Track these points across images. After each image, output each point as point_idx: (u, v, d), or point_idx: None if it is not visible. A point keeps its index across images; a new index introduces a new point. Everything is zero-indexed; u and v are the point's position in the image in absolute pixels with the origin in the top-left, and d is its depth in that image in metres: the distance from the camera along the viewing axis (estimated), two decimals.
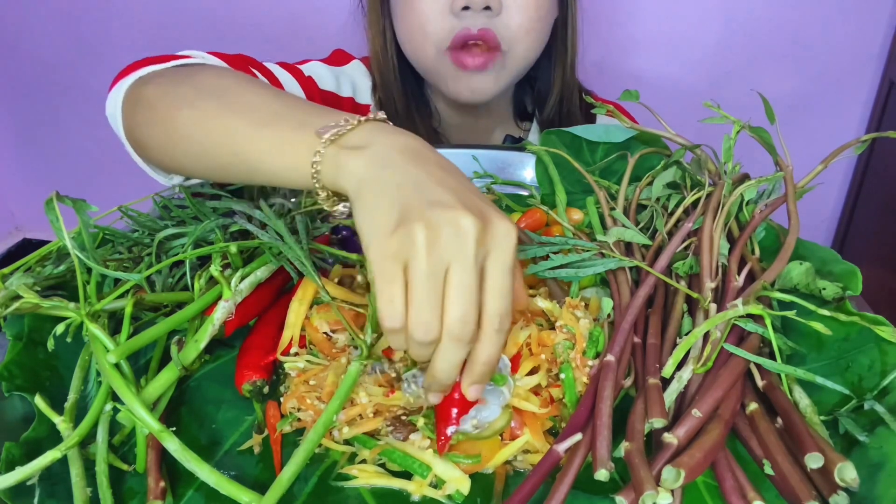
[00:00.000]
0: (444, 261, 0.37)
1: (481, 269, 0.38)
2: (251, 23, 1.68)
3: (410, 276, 0.37)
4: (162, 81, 0.58)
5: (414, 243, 0.37)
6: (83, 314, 0.46)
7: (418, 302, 0.37)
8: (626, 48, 1.60)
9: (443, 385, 0.41)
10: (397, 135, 0.43)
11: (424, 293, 0.37)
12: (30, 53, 1.86)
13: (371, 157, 0.41)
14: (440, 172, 0.41)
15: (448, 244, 0.37)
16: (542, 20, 0.80)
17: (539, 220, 0.65)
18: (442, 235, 0.37)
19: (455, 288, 0.37)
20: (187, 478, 0.43)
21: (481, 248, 0.38)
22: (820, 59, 1.56)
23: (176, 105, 0.54)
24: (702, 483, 0.42)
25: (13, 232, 2.24)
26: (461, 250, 0.37)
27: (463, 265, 0.37)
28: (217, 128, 0.50)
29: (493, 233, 0.38)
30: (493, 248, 0.38)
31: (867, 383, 0.44)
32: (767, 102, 0.59)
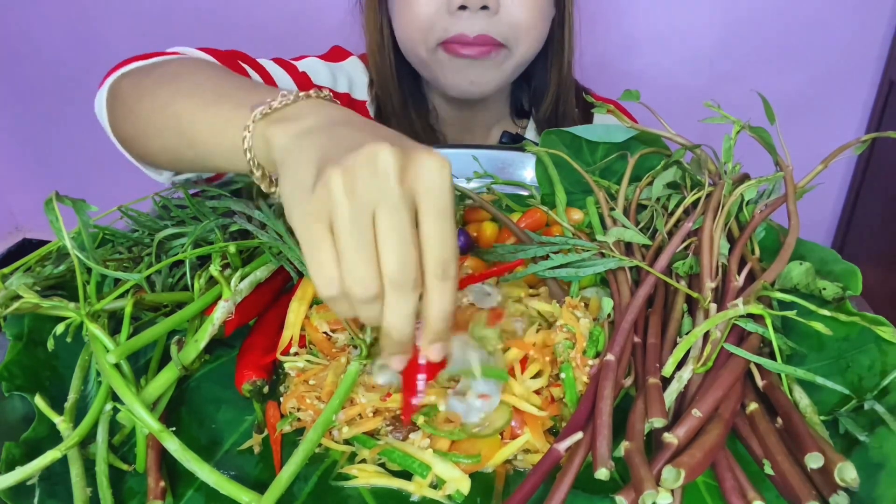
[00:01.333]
0: (368, 205, 0.34)
1: (413, 211, 0.35)
2: (251, 22, 1.68)
3: (335, 233, 0.34)
4: (135, 75, 0.58)
5: (331, 194, 0.33)
6: (83, 314, 0.46)
7: (348, 257, 0.34)
8: (625, 48, 1.60)
9: (400, 344, 0.38)
10: (331, 108, 0.41)
11: (352, 246, 0.34)
12: (30, 53, 1.86)
13: (298, 127, 0.39)
14: (366, 126, 0.38)
15: (367, 185, 0.33)
16: (542, 17, 0.80)
17: (539, 220, 0.65)
18: (359, 178, 0.33)
19: (384, 233, 0.34)
20: (187, 478, 0.43)
21: (405, 185, 0.34)
22: (820, 59, 1.56)
23: (138, 95, 0.54)
24: (702, 483, 0.42)
25: (13, 232, 2.25)
26: (382, 189, 0.33)
27: (387, 206, 0.34)
28: (171, 116, 0.49)
29: (418, 168, 0.34)
30: (420, 185, 0.34)
31: (867, 383, 0.44)
32: (767, 102, 0.59)
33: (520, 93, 0.96)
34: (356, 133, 0.36)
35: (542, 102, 0.92)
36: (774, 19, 1.52)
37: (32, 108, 1.97)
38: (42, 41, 1.83)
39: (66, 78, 1.87)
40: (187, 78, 0.52)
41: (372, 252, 0.34)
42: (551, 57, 0.89)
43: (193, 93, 0.48)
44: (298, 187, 0.35)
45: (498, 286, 0.54)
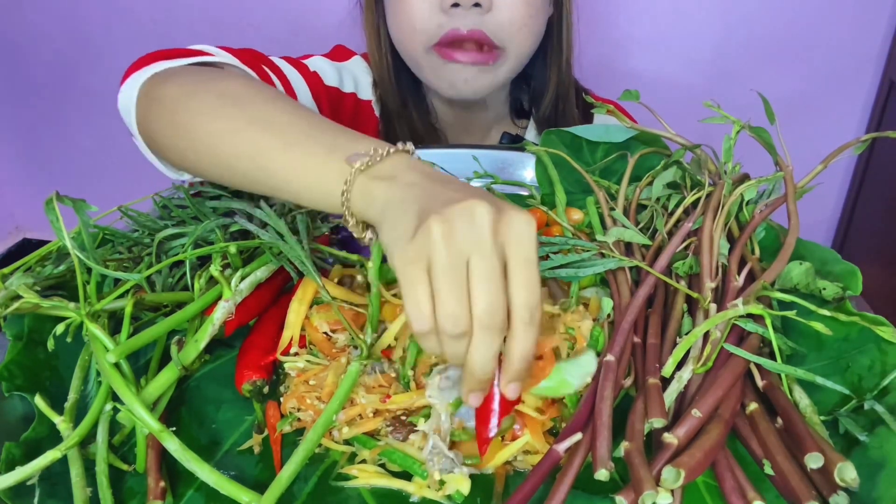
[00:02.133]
0: (464, 252, 0.37)
1: (503, 261, 0.38)
2: (252, 22, 1.68)
3: (433, 274, 0.37)
4: (182, 83, 0.57)
5: (430, 240, 0.37)
6: (83, 314, 0.46)
7: (443, 295, 0.37)
8: (625, 48, 1.60)
9: (481, 382, 0.40)
10: (422, 165, 0.44)
11: (448, 286, 0.37)
12: (30, 53, 1.86)
13: (399, 185, 0.42)
14: (460, 185, 0.42)
15: (464, 234, 0.37)
16: (534, 16, 0.80)
17: (539, 220, 0.65)
18: (457, 227, 0.37)
19: (477, 277, 0.37)
20: (187, 478, 0.43)
21: (498, 237, 0.38)
22: (820, 59, 1.55)
23: (200, 112, 0.53)
24: (702, 483, 0.42)
25: (13, 232, 2.24)
26: (477, 238, 0.37)
27: (481, 254, 0.37)
28: (243, 143, 0.50)
29: (508, 223, 0.38)
30: (510, 238, 0.38)
31: (867, 383, 0.44)
32: (767, 102, 0.59)
33: (519, 93, 0.96)
34: (452, 191, 0.40)
35: (542, 102, 0.92)
36: (774, 19, 1.52)
37: (32, 108, 1.97)
38: (42, 41, 1.83)
39: (67, 78, 1.87)
40: (261, 106, 0.52)
41: (464, 292, 0.37)
42: (550, 56, 0.89)
43: (270, 125, 0.50)
44: (402, 236, 0.38)
45: None
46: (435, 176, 0.43)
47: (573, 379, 0.46)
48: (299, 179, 0.47)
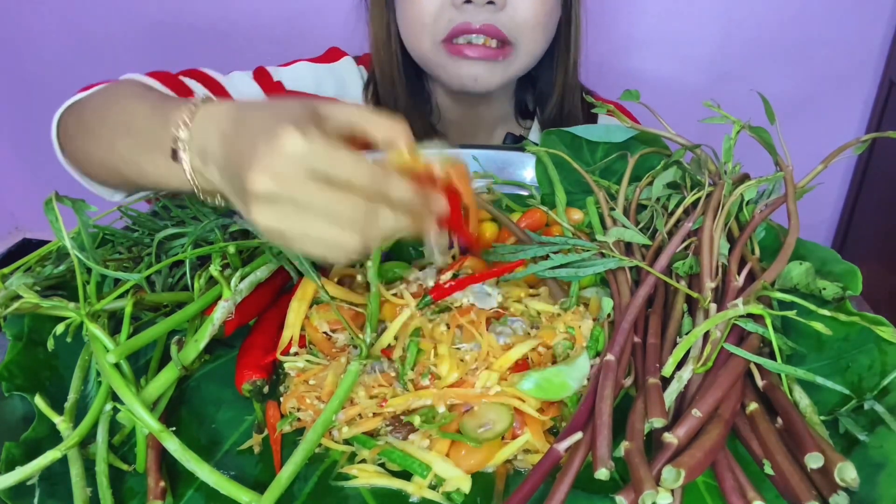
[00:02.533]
0: (303, 176, 0.38)
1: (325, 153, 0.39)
2: (252, 22, 1.68)
3: (303, 212, 0.38)
4: (75, 110, 0.65)
5: (273, 196, 0.38)
6: (83, 314, 0.46)
7: (316, 227, 0.38)
8: (625, 48, 1.60)
9: (419, 218, 0.42)
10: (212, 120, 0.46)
11: (312, 220, 0.38)
12: (30, 53, 1.86)
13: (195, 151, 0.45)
14: (255, 121, 0.42)
15: (293, 168, 0.38)
16: (549, 14, 0.80)
17: (539, 220, 0.65)
18: (282, 169, 0.38)
19: (328, 179, 0.38)
20: (187, 478, 0.43)
21: (308, 140, 0.38)
22: (820, 59, 1.56)
23: (74, 135, 0.62)
24: (702, 483, 0.42)
25: (13, 232, 2.24)
26: (301, 160, 0.38)
27: (315, 164, 0.38)
28: (109, 154, 0.55)
29: (283, 150, 0.38)
30: (293, 152, 0.38)
31: (867, 383, 0.44)
32: (767, 102, 0.59)
33: (524, 93, 0.96)
34: (248, 134, 0.41)
35: (548, 103, 0.92)
36: (774, 19, 1.52)
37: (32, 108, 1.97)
38: (43, 41, 1.83)
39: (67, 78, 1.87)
40: (108, 116, 0.58)
41: (328, 210, 0.38)
42: (557, 58, 0.89)
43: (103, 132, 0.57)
44: (244, 206, 0.40)
45: (498, 286, 0.54)
46: (235, 121, 0.43)
47: (573, 382, 0.46)
48: (153, 173, 0.50)
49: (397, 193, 0.40)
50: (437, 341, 0.49)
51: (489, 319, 0.50)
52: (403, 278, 0.56)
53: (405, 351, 0.49)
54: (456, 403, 0.46)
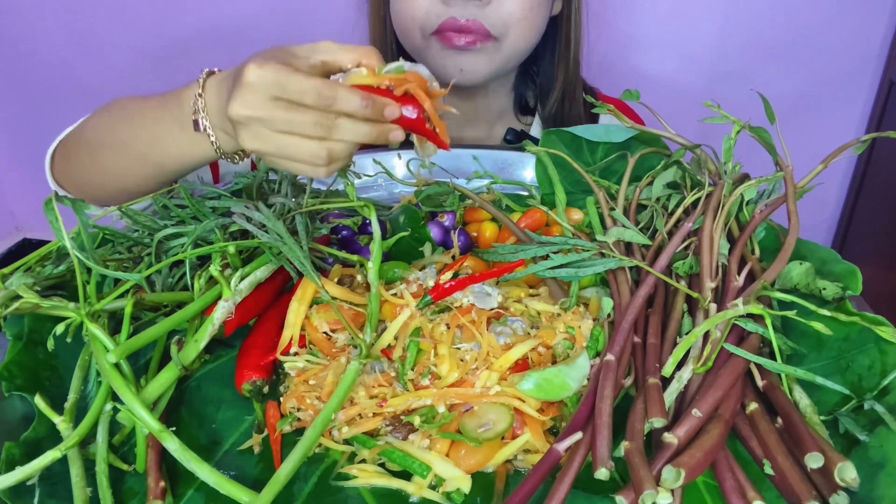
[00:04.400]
0: (255, 120, 0.47)
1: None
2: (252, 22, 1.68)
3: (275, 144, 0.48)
4: (72, 141, 0.70)
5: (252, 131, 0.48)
6: (83, 314, 0.46)
7: (285, 142, 0.48)
8: (626, 47, 1.59)
9: (379, 126, 0.49)
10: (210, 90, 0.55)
11: (281, 137, 0.47)
12: (30, 53, 1.86)
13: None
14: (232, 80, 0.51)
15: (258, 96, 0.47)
16: (534, 9, 0.80)
17: (539, 220, 0.65)
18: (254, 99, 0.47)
19: (281, 112, 0.47)
20: (187, 478, 0.43)
21: (256, 91, 0.47)
22: (820, 59, 1.55)
23: (80, 160, 0.68)
24: (702, 483, 0.42)
25: (13, 232, 2.24)
26: (250, 107, 0.47)
27: (263, 100, 0.47)
28: (120, 172, 0.64)
29: (247, 82, 0.47)
30: (253, 81, 0.47)
31: (867, 383, 0.44)
32: (767, 102, 0.59)
33: (524, 89, 0.96)
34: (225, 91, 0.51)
35: (548, 99, 0.92)
36: (774, 19, 1.52)
37: (32, 108, 1.97)
38: (42, 41, 1.83)
39: (67, 78, 1.87)
40: (102, 137, 0.66)
41: (294, 135, 0.48)
42: (558, 54, 0.89)
43: (119, 144, 0.65)
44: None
45: (498, 286, 0.54)
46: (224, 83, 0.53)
47: (573, 382, 0.46)
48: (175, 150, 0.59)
49: (347, 104, 0.47)
50: (437, 341, 0.49)
51: (489, 319, 0.50)
52: (403, 278, 0.56)
53: (405, 351, 0.49)
54: (456, 403, 0.46)
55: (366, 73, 0.49)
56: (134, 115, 0.63)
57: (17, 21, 1.81)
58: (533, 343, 0.48)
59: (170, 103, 0.58)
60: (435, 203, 0.71)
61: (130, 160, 0.63)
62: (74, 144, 0.71)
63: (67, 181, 0.72)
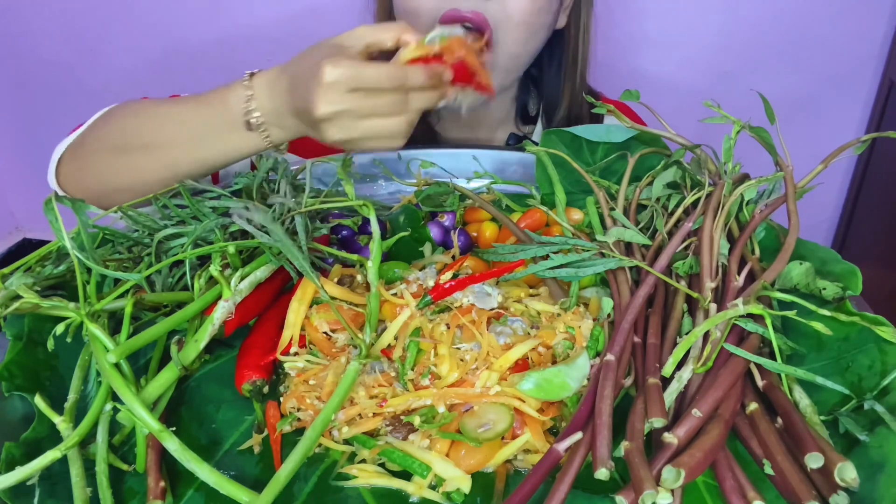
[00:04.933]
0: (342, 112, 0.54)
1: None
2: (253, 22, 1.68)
3: (361, 119, 0.54)
4: (89, 144, 0.71)
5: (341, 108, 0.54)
6: (83, 314, 0.46)
7: (370, 126, 0.55)
8: (625, 47, 1.59)
9: (440, 89, 0.57)
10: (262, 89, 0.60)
11: (366, 122, 0.55)
12: (30, 53, 1.86)
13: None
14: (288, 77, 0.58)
15: (341, 86, 0.53)
16: (535, 14, 0.77)
17: (539, 220, 0.66)
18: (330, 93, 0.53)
19: (363, 101, 0.54)
20: (187, 478, 0.43)
21: (334, 84, 0.53)
22: (820, 59, 1.55)
23: (103, 162, 0.68)
24: (702, 483, 0.42)
25: (13, 232, 2.24)
26: (335, 103, 0.53)
27: (345, 94, 0.53)
28: (152, 170, 0.65)
29: (327, 82, 0.53)
30: (333, 80, 0.53)
31: (867, 383, 0.44)
32: (767, 102, 0.59)
33: (527, 99, 0.95)
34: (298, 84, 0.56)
35: (555, 114, 0.91)
36: (774, 19, 1.52)
37: (32, 108, 1.97)
38: (43, 41, 1.83)
39: (67, 78, 1.87)
40: (132, 133, 0.67)
41: (374, 112, 0.55)
42: (565, 70, 0.88)
43: (153, 144, 0.65)
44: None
45: (498, 286, 0.54)
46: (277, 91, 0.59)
47: (573, 382, 0.46)
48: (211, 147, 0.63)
49: (416, 80, 0.54)
50: (437, 341, 0.49)
51: (489, 319, 0.50)
52: (403, 278, 0.56)
53: (405, 351, 0.49)
54: (456, 403, 0.46)
55: (413, 46, 0.56)
56: (172, 116, 0.65)
57: (17, 21, 1.81)
58: (533, 343, 0.48)
59: (213, 104, 0.62)
60: (435, 203, 0.71)
61: (168, 159, 0.65)
62: (93, 149, 0.70)
63: (79, 187, 0.71)
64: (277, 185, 0.63)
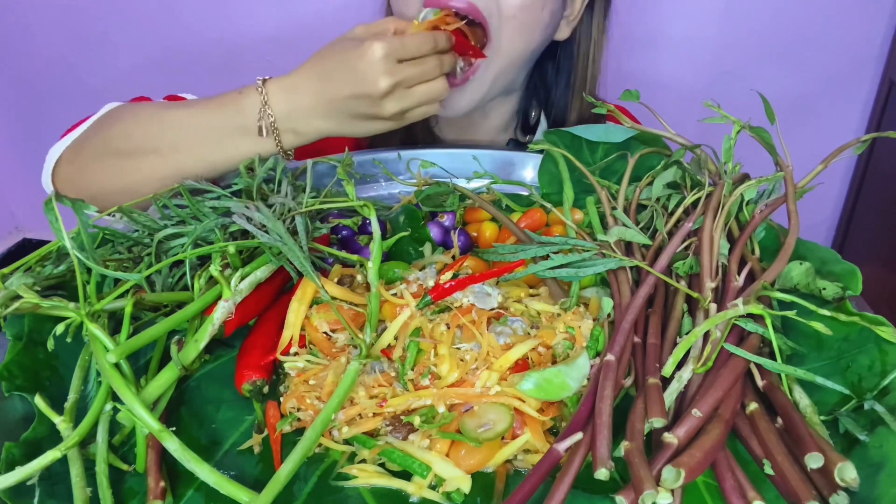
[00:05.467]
0: (375, 87, 0.61)
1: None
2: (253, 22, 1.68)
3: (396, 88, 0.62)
4: (89, 145, 0.71)
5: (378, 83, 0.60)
6: (83, 314, 0.46)
7: (420, 92, 0.64)
8: (625, 48, 1.59)
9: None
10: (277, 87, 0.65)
11: (416, 90, 0.63)
12: (30, 52, 1.86)
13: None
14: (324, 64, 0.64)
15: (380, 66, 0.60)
16: (529, 9, 0.74)
17: (539, 220, 0.66)
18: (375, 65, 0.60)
19: (412, 69, 0.62)
20: (187, 478, 0.43)
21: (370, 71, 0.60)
22: (820, 59, 1.55)
23: (104, 164, 0.69)
24: (702, 483, 0.42)
25: (13, 232, 2.24)
26: (392, 74, 0.61)
27: (395, 65, 0.61)
28: (156, 173, 0.67)
29: (377, 57, 0.60)
30: (384, 54, 0.60)
31: (867, 383, 0.44)
32: (767, 102, 0.59)
33: (528, 108, 0.94)
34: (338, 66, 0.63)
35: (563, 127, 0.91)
36: (774, 19, 1.52)
37: (32, 107, 1.97)
38: (43, 40, 1.83)
39: (67, 78, 1.87)
40: (136, 136, 0.69)
41: (414, 84, 0.64)
42: (574, 85, 0.88)
43: (163, 149, 0.68)
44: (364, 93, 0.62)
45: (498, 286, 0.54)
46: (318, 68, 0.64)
47: (573, 382, 0.46)
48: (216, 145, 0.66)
49: (444, 42, 0.64)
50: (437, 341, 0.49)
51: (489, 319, 0.50)
52: (403, 278, 0.56)
53: (405, 351, 0.49)
54: (456, 403, 0.46)
55: (414, 24, 0.66)
56: (181, 120, 0.67)
57: (16, 21, 1.81)
58: (533, 343, 0.48)
59: (226, 109, 0.65)
60: (435, 203, 0.71)
61: (178, 163, 0.66)
62: (95, 153, 0.70)
63: (78, 190, 0.71)
64: (277, 185, 0.63)
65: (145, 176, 0.67)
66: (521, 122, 0.95)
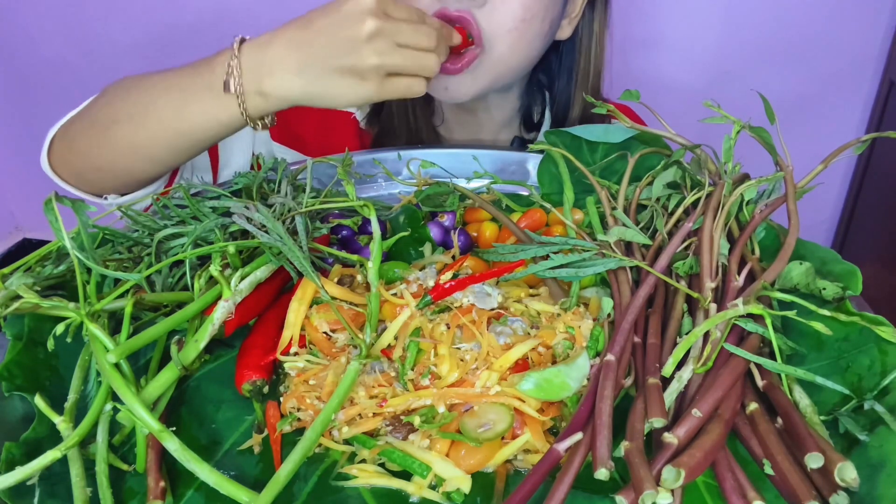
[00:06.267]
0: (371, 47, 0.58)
1: None
2: (254, 22, 1.68)
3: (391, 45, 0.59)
4: (77, 123, 0.71)
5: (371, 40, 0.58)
6: (83, 314, 0.46)
7: (414, 57, 0.60)
8: (625, 48, 1.60)
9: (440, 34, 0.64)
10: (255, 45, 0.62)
11: (408, 54, 0.59)
12: (30, 53, 1.86)
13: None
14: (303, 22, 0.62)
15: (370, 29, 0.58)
16: (527, 22, 0.74)
17: (539, 220, 0.66)
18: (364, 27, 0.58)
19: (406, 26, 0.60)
20: (187, 478, 0.43)
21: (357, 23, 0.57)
22: (820, 59, 1.56)
23: (89, 139, 0.68)
24: (702, 483, 0.42)
25: (13, 232, 2.24)
26: (380, 18, 0.58)
27: (373, 35, 0.58)
28: (140, 146, 0.65)
29: (365, 7, 0.57)
30: (356, 5, 0.57)
31: (867, 383, 0.44)
32: (767, 102, 0.59)
33: (532, 104, 0.95)
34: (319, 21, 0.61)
35: (565, 124, 0.91)
36: (775, 19, 1.52)
37: (32, 107, 1.97)
38: (43, 41, 1.83)
39: (67, 77, 1.88)
40: (118, 109, 0.67)
41: (408, 44, 0.60)
42: (576, 80, 0.88)
43: (138, 117, 0.65)
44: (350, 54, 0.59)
45: (498, 286, 0.54)
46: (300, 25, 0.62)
47: (573, 382, 0.46)
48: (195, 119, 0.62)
49: (432, 21, 0.63)
50: (437, 341, 0.49)
51: (489, 319, 0.50)
52: (403, 278, 0.56)
53: (405, 351, 0.49)
54: (456, 403, 0.46)
55: None
56: (156, 83, 0.65)
57: (16, 20, 1.81)
58: (533, 343, 0.48)
59: (199, 68, 0.62)
60: (435, 203, 0.71)
61: (148, 131, 0.64)
62: (81, 127, 0.70)
63: (67, 168, 0.71)
64: (277, 184, 0.63)
65: (121, 145, 0.66)
66: (525, 118, 0.96)
